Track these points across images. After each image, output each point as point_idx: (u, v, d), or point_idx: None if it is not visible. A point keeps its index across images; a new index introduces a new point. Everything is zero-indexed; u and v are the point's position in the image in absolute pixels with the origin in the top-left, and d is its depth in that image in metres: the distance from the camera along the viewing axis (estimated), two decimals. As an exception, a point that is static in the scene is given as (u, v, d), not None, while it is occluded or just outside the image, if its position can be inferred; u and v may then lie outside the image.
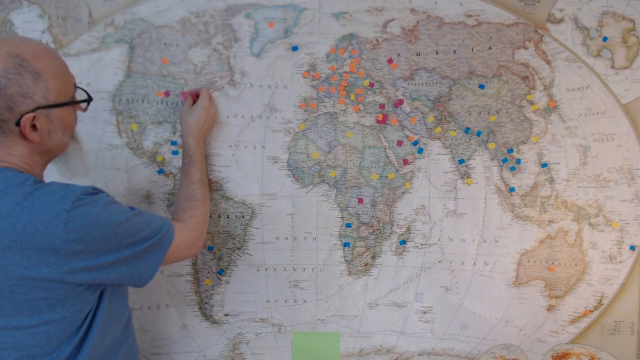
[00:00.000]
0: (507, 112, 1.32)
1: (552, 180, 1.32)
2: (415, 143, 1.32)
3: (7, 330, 0.86)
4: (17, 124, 0.87)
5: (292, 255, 1.33)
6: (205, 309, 1.33)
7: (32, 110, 0.87)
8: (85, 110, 1.02)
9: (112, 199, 0.92)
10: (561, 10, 1.31)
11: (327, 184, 1.32)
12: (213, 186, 1.29)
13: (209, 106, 1.23)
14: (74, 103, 0.96)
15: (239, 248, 1.32)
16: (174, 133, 1.28)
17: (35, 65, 0.87)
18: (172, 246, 0.98)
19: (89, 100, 1.01)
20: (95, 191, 0.90)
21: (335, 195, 1.32)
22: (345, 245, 1.33)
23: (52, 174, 1.01)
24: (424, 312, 1.36)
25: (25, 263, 0.83)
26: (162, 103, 1.28)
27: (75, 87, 0.98)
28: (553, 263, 1.33)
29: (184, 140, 1.21)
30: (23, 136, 0.89)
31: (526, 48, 1.31)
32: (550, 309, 1.35)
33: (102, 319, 0.93)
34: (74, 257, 0.84)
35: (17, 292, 0.84)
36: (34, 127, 0.89)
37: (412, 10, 1.31)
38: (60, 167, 1.03)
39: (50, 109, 0.90)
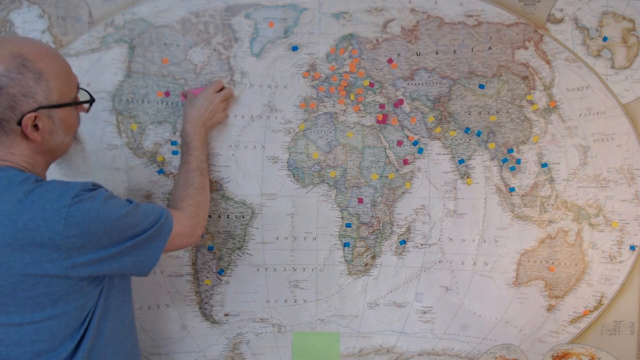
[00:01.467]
0: (507, 112, 1.32)
1: (552, 180, 1.32)
2: (415, 143, 1.32)
3: (11, 326, 0.86)
4: (19, 123, 0.87)
5: (292, 255, 1.33)
6: (205, 309, 1.33)
7: (34, 110, 0.88)
8: (87, 111, 1.02)
9: (110, 193, 0.92)
10: (561, 10, 1.32)
11: (327, 184, 1.32)
12: (213, 186, 1.29)
13: (212, 96, 1.22)
14: (75, 104, 0.97)
15: (239, 248, 1.32)
16: (174, 133, 1.28)
17: (37, 65, 0.87)
18: (172, 233, 0.99)
19: (91, 101, 1.01)
20: (94, 187, 0.91)
21: (335, 195, 1.32)
22: (345, 245, 1.33)
23: (54, 174, 1.01)
24: (424, 312, 1.36)
25: (27, 259, 0.83)
26: (162, 103, 1.28)
27: (78, 88, 0.98)
28: (553, 263, 1.33)
29: (182, 128, 1.21)
30: (25, 136, 0.89)
31: (526, 48, 1.31)
32: (550, 309, 1.35)
33: (100, 314, 0.94)
34: (75, 252, 0.85)
35: (19, 289, 0.85)
36: (35, 126, 0.89)
37: (412, 10, 1.31)
38: (62, 167, 1.04)
39: (52, 109, 0.90)
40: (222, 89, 1.26)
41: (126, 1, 1.26)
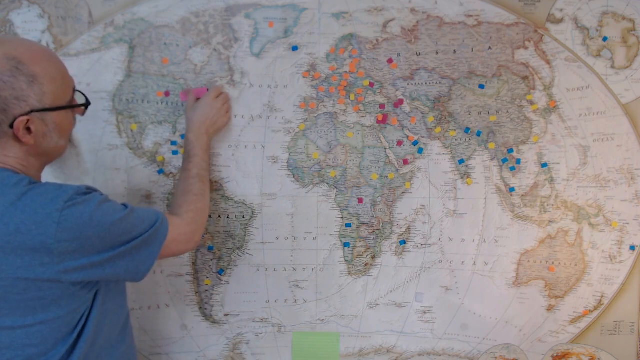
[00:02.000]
0: (507, 112, 1.32)
1: (552, 180, 1.32)
2: (415, 143, 1.32)
3: (2, 330, 0.86)
4: (11, 126, 0.87)
5: (292, 255, 1.33)
6: (205, 309, 1.33)
7: (27, 114, 0.87)
8: (83, 114, 1.02)
9: (105, 197, 0.91)
10: (561, 10, 1.31)
11: (327, 184, 1.32)
12: (213, 186, 1.29)
13: (213, 102, 1.22)
14: (69, 107, 0.95)
15: (239, 248, 1.32)
16: (174, 133, 1.28)
17: (31, 68, 0.86)
18: (167, 239, 0.97)
19: (86, 104, 1.00)
20: (88, 190, 0.90)
21: (335, 195, 1.32)
22: (345, 245, 1.33)
23: (48, 177, 1.00)
24: (424, 312, 1.36)
25: (19, 263, 0.83)
26: (162, 103, 1.28)
27: (74, 90, 0.97)
28: (553, 263, 1.33)
29: (185, 136, 1.20)
30: (17, 138, 0.88)
31: (526, 48, 1.31)
32: (550, 309, 1.35)
33: (97, 319, 0.93)
34: (68, 256, 0.84)
35: (11, 293, 0.84)
36: (28, 129, 0.88)
37: (412, 10, 1.31)
38: (55, 170, 1.02)
39: (45, 112, 0.89)
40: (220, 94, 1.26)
41: (126, 1, 1.26)
